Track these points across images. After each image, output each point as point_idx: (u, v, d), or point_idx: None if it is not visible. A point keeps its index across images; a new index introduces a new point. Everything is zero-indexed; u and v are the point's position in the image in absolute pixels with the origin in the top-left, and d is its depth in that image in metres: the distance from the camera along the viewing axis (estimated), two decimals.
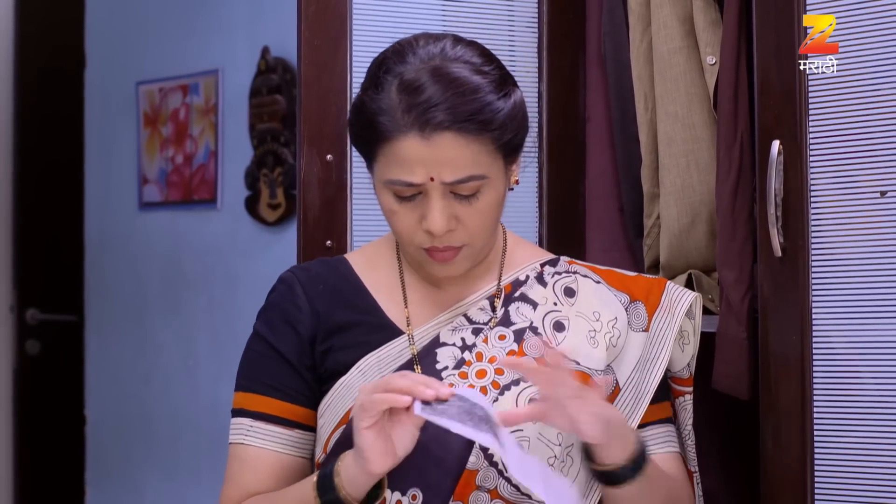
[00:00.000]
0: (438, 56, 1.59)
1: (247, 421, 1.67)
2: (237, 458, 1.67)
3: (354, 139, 1.65)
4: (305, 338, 1.67)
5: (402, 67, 1.58)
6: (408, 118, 1.55)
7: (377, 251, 1.76)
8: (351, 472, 1.51)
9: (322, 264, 1.76)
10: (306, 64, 2.10)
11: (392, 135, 1.56)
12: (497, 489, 1.60)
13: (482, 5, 2.23)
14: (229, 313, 3.71)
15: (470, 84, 1.56)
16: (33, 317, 4.28)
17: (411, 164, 1.56)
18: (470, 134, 1.55)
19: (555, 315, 1.70)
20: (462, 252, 1.62)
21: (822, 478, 1.85)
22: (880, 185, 1.81)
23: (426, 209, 1.58)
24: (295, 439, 1.67)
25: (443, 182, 1.56)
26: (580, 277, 1.75)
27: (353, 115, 1.64)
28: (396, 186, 1.58)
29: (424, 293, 1.71)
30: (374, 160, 1.61)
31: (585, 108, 2.32)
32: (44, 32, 4.31)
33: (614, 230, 2.30)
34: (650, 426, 1.72)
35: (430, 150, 1.55)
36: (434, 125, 1.54)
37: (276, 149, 3.55)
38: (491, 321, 1.69)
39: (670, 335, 1.72)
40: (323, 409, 1.66)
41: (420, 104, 1.54)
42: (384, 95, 1.58)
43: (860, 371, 1.83)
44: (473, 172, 1.57)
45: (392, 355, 1.66)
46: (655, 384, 1.70)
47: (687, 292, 1.76)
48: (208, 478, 3.76)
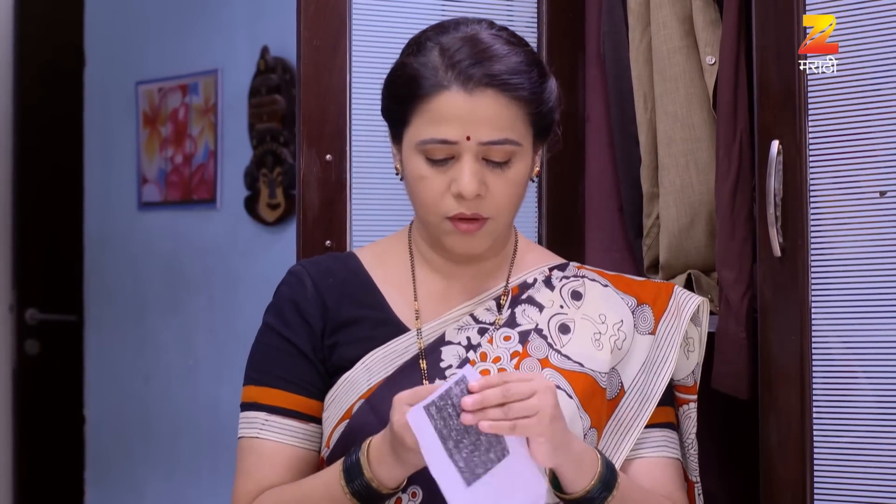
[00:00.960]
0: (481, 29, 1.64)
1: (262, 415, 1.67)
2: (252, 451, 1.67)
3: (390, 103, 1.66)
4: (317, 330, 1.68)
5: (445, 37, 1.62)
6: (451, 73, 1.58)
7: (389, 247, 1.77)
8: (390, 468, 1.52)
9: (332, 259, 1.76)
10: (306, 64, 2.10)
11: (433, 90, 1.59)
12: None
13: (481, 5, 2.23)
14: (229, 313, 3.72)
15: (513, 50, 1.62)
16: (33, 316, 4.28)
17: (449, 121, 1.58)
18: (509, 93, 1.59)
19: (560, 318, 1.70)
20: (486, 226, 1.63)
21: (822, 478, 1.85)
22: (880, 185, 1.81)
23: (457, 173, 1.60)
24: (310, 433, 1.67)
25: (479, 142, 1.59)
26: (588, 281, 1.75)
27: (391, 78, 1.66)
28: (430, 146, 1.60)
29: (434, 288, 1.71)
30: (408, 123, 1.62)
31: (585, 107, 2.32)
32: (43, 32, 4.31)
33: (614, 230, 2.30)
34: (648, 429, 1.71)
35: (471, 105, 1.58)
36: (476, 80, 1.58)
37: (275, 149, 3.55)
38: (496, 322, 1.70)
39: (678, 339, 1.72)
40: (328, 402, 1.66)
41: (464, 60, 1.58)
42: (426, 58, 1.61)
43: (859, 370, 1.83)
44: (509, 136, 1.60)
45: (398, 351, 1.66)
46: (662, 387, 1.70)
47: (694, 297, 1.76)
48: (208, 477, 3.77)
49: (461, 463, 1.46)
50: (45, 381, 4.30)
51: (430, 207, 1.63)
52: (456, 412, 1.45)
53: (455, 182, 1.60)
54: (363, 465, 1.53)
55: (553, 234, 2.27)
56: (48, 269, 4.35)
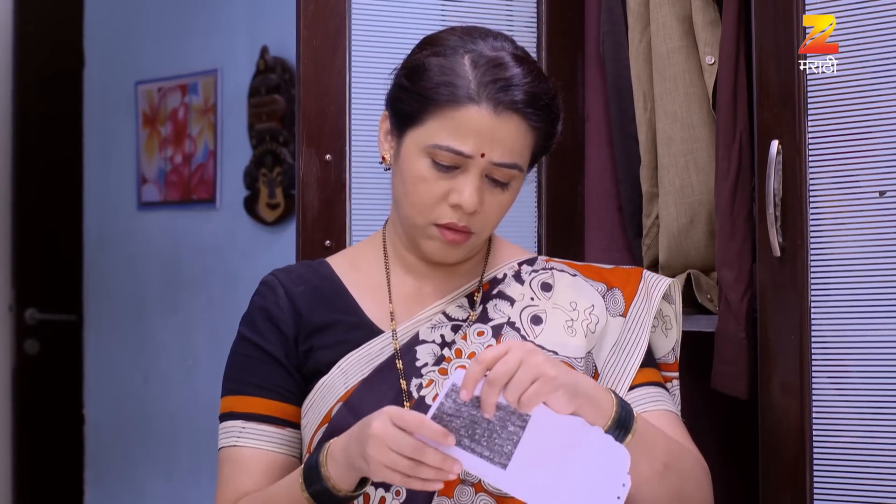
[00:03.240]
0: (509, 49, 1.64)
1: (238, 423, 1.67)
2: (230, 460, 1.67)
3: (405, 96, 1.64)
4: (290, 337, 1.68)
5: (475, 46, 1.62)
6: (483, 91, 1.58)
7: (360, 252, 1.77)
8: (341, 469, 1.51)
9: (304, 266, 1.77)
10: (305, 64, 2.10)
11: (460, 101, 1.59)
12: (481, 482, 1.60)
13: (481, 5, 2.23)
14: (228, 313, 3.71)
15: (542, 80, 1.63)
16: (32, 316, 4.28)
17: (470, 135, 1.58)
18: (531, 122, 1.60)
19: (532, 309, 1.71)
20: (469, 240, 1.64)
21: (821, 477, 1.85)
22: (879, 185, 1.81)
23: (460, 185, 1.60)
24: (287, 438, 1.67)
25: (491, 161, 1.59)
26: (556, 272, 1.76)
27: (411, 73, 1.64)
28: (442, 152, 1.59)
29: (408, 289, 1.72)
30: (421, 122, 1.61)
31: (584, 107, 2.32)
32: (43, 32, 4.30)
33: (613, 230, 2.30)
34: (637, 388, 1.69)
35: (494, 126, 1.58)
36: (507, 103, 1.58)
37: (274, 148, 3.55)
38: (470, 318, 1.70)
39: (648, 321, 1.72)
40: (306, 408, 1.67)
41: (501, 80, 1.59)
42: (455, 65, 1.60)
43: (859, 370, 1.83)
44: (518, 161, 1.62)
45: (373, 353, 1.66)
46: (635, 368, 1.69)
47: (663, 278, 1.76)
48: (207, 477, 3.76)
49: (487, 452, 1.44)
50: (45, 381, 4.30)
51: (422, 210, 1.63)
52: (458, 415, 1.44)
53: (456, 193, 1.60)
54: (321, 464, 1.52)
55: (552, 234, 2.27)
56: (47, 269, 4.34)
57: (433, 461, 1.42)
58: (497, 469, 1.44)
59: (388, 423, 1.43)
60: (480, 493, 1.61)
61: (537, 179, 2.27)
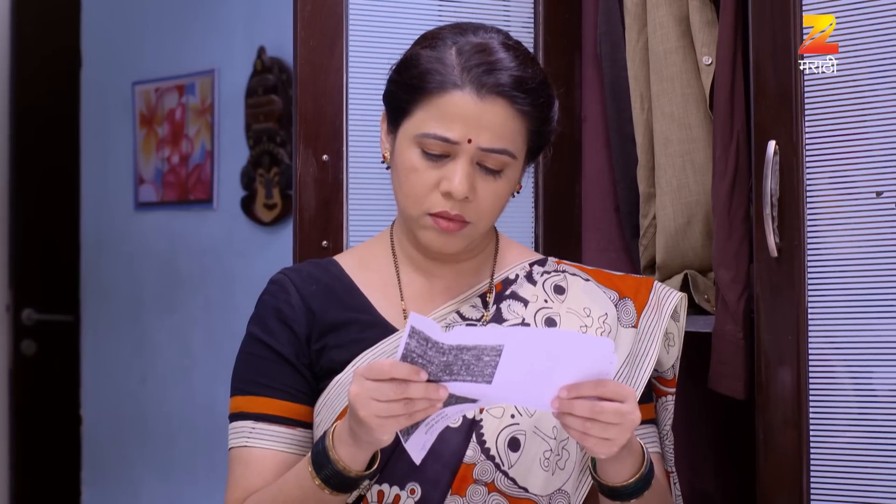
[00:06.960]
0: (499, 39, 1.65)
1: (248, 423, 1.67)
2: (240, 460, 1.67)
3: (396, 90, 1.65)
4: (301, 336, 1.68)
5: (463, 38, 1.63)
6: (467, 75, 1.59)
7: (369, 251, 1.77)
8: (349, 448, 1.51)
9: (313, 265, 1.76)
10: (302, 64, 2.10)
11: (445, 87, 1.59)
12: (494, 482, 1.60)
13: (478, 5, 2.23)
14: (226, 313, 3.71)
15: (529, 66, 1.63)
16: (29, 317, 4.28)
17: (455, 121, 1.59)
18: (517, 106, 1.60)
19: (546, 311, 1.71)
20: (465, 229, 1.64)
21: (818, 478, 1.85)
22: (876, 186, 1.81)
23: (450, 172, 1.60)
24: (298, 438, 1.67)
25: (479, 147, 1.59)
26: (569, 276, 1.76)
27: (403, 66, 1.66)
28: (430, 141, 1.60)
29: (418, 288, 1.72)
30: (411, 113, 1.62)
31: (581, 108, 2.33)
32: (40, 33, 4.30)
33: (610, 230, 2.30)
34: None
35: (479, 110, 1.59)
36: (491, 86, 1.58)
37: (272, 149, 3.55)
38: (484, 318, 1.70)
39: (659, 332, 1.73)
40: (319, 407, 1.66)
41: (481, 65, 1.59)
42: (442, 54, 1.61)
43: (856, 370, 1.83)
44: (508, 147, 1.61)
45: (388, 352, 1.66)
46: (645, 380, 1.70)
47: (674, 292, 1.77)
48: (205, 477, 3.76)
49: (468, 378, 1.42)
50: (42, 382, 4.30)
51: (414, 200, 1.63)
52: (426, 360, 1.41)
53: (446, 180, 1.60)
54: (328, 448, 1.52)
55: (550, 235, 2.27)
56: (45, 270, 4.35)
57: (418, 394, 1.41)
58: (482, 385, 1.43)
59: (361, 380, 1.43)
60: (493, 493, 1.61)
61: (534, 179, 2.27)
